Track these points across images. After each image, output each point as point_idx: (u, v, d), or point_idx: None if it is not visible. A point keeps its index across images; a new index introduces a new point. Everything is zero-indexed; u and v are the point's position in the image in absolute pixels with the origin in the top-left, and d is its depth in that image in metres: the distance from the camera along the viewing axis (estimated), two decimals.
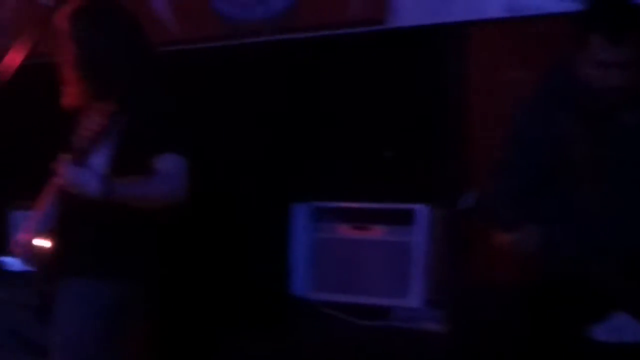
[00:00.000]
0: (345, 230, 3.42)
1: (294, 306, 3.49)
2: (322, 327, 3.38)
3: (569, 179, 2.44)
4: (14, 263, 2.96)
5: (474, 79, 3.37)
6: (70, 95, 2.69)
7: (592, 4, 2.47)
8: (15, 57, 2.67)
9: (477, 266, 3.26)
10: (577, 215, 2.42)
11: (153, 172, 2.59)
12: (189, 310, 3.75)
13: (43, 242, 2.73)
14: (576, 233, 2.38)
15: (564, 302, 2.41)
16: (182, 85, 3.73)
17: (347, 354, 3.23)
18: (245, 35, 3.85)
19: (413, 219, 3.29)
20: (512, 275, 2.62)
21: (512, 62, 3.26)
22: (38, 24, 2.74)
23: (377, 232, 3.35)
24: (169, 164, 2.60)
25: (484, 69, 3.34)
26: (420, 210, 3.29)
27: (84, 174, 2.53)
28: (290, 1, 3.72)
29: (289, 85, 3.73)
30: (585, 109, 2.44)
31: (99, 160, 2.59)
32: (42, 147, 2.85)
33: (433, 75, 3.41)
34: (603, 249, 2.36)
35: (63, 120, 2.77)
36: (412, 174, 3.40)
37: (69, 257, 2.64)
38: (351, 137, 3.58)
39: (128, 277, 2.64)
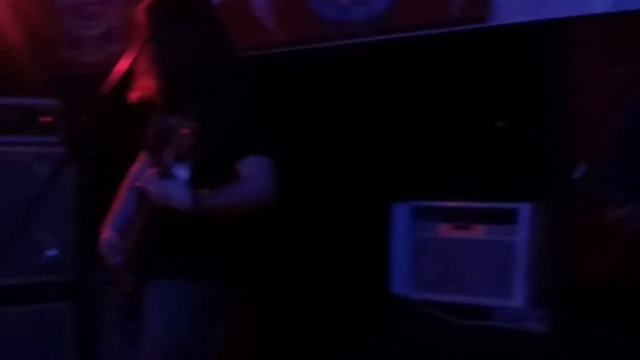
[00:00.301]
0: (446, 230, 3.39)
1: (395, 306, 3.48)
2: (422, 326, 3.37)
3: None
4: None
5: (578, 77, 3.29)
6: (141, 89, 2.64)
7: None
8: (124, 64, 2.67)
9: (581, 264, 3.20)
10: None
11: (238, 177, 2.54)
12: (288, 311, 3.78)
13: (120, 241, 2.73)
14: None
15: None
16: (281, 86, 3.81)
17: (448, 353, 3.21)
18: (343, 37, 3.86)
19: (515, 218, 3.24)
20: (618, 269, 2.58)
21: (618, 59, 3.17)
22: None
23: (479, 232, 3.32)
24: (253, 166, 2.55)
25: (589, 66, 3.26)
26: (523, 209, 3.24)
27: (172, 187, 2.49)
28: (390, 1, 3.72)
29: (389, 84, 3.73)
30: None
31: (183, 168, 2.54)
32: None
33: (535, 74, 3.35)
34: None
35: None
36: (515, 172, 3.36)
37: (156, 260, 2.62)
38: (452, 136, 3.56)
39: (216, 279, 2.60)
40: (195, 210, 2.48)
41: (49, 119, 4.20)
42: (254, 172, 2.55)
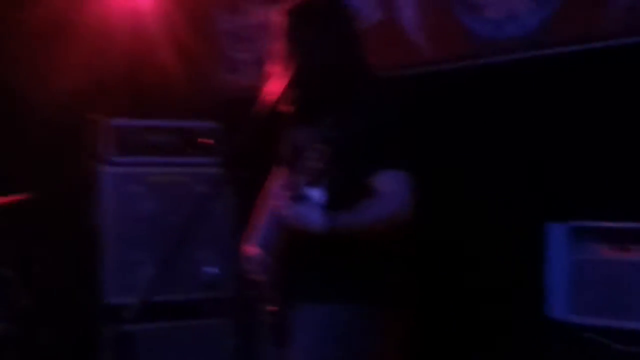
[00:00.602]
0: (605, 251, 3.26)
1: (552, 329, 3.37)
2: (582, 352, 3.24)
3: None
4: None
5: None
6: (275, 96, 2.58)
7: None
8: (275, 84, 2.66)
9: None
10: None
11: (373, 192, 2.46)
12: (440, 333, 3.73)
13: (265, 258, 2.71)
14: None
15: None
16: (432, 104, 3.79)
17: None
18: (496, 54, 3.79)
19: None
20: None
21: None
22: None
23: None
24: (388, 181, 2.46)
25: None
26: None
27: (305, 211, 2.46)
28: (545, 15, 3.62)
29: (543, 100, 3.63)
30: None
31: (317, 189, 2.49)
32: None
33: None
34: None
35: None
36: None
37: (300, 282, 2.57)
38: (611, 153, 3.42)
39: (363, 300, 2.54)
40: (330, 233, 2.44)
41: (209, 140, 4.36)
42: (390, 187, 2.47)
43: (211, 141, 4.33)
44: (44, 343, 4.15)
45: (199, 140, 4.36)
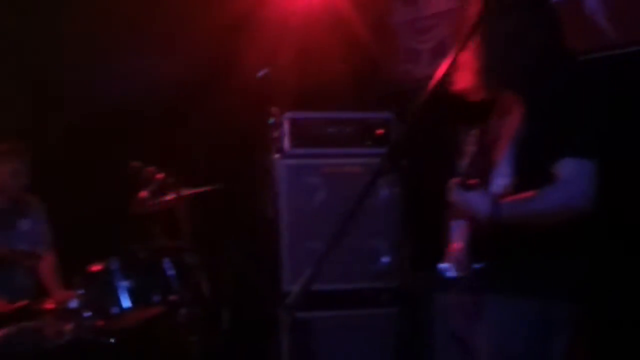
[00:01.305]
0: None
1: None
2: None
3: None
4: (449, 270, 3.02)
5: None
6: (462, 81, 2.56)
7: None
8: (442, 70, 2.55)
9: None
10: None
11: (554, 180, 2.40)
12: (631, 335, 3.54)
13: (464, 251, 2.67)
14: None
15: None
16: (618, 88, 3.59)
17: None
18: None
19: None
20: None
21: None
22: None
23: None
24: (568, 169, 2.39)
25: None
26: None
27: (471, 197, 2.47)
28: None
29: None
30: None
31: (501, 176, 2.48)
32: None
33: None
34: None
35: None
36: None
37: (491, 273, 2.53)
38: None
39: (555, 295, 2.48)
40: (496, 219, 2.40)
41: (383, 131, 4.37)
42: (568, 175, 2.39)
43: (385, 131, 4.34)
44: (226, 327, 4.32)
45: (375, 131, 4.37)
